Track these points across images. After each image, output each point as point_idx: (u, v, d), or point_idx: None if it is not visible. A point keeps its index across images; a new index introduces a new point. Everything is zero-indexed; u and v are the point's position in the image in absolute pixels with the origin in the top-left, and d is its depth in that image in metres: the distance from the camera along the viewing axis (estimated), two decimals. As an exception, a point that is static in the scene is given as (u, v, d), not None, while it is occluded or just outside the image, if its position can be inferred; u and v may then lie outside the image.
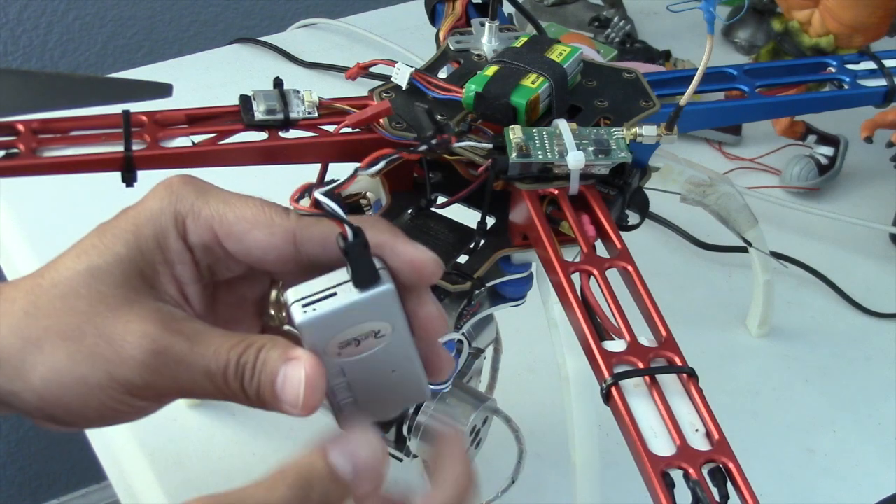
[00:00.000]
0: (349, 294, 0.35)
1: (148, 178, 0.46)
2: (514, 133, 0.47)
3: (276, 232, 0.37)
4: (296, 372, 0.35)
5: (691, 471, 0.36)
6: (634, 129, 0.48)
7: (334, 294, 0.35)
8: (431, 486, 0.37)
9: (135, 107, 0.47)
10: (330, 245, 0.37)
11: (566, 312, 0.43)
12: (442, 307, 0.38)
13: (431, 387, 0.40)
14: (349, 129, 0.49)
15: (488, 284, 0.50)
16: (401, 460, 0.51)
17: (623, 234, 0.46)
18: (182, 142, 0.47)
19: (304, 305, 0.35)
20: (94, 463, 0.68)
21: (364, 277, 0.36)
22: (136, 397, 0.37)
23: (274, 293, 0.42)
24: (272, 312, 0.42)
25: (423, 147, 0.43)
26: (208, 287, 0.40)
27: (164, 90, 0.47)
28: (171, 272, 0.38)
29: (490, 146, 0.47)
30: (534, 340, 0.58)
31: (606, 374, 0.39)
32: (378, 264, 0.36)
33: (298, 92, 0.49)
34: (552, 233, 0.45)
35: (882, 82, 0.59)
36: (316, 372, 0.35)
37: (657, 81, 0.55)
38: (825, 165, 0.87)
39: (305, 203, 0.53)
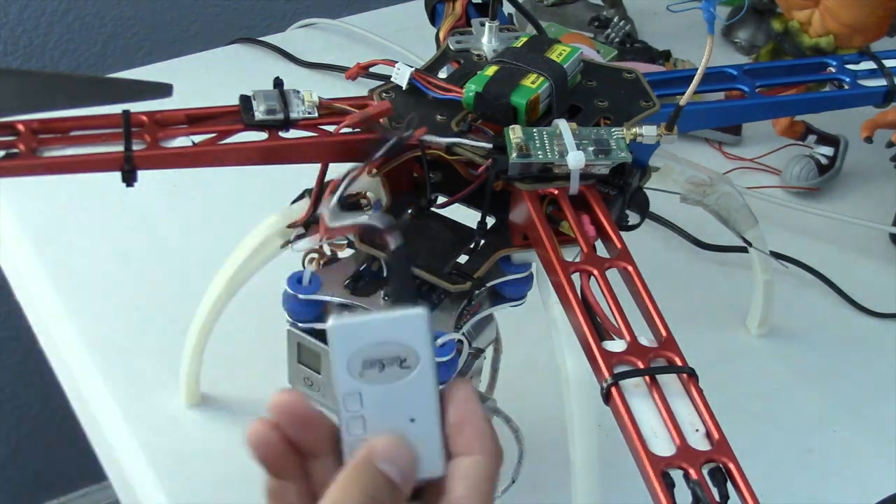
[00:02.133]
0: (383, 309, 0.36)
1: (148, 178, 0.46)
2: (515, 133, 0.47)
3: None
4: None
5: (691, 471, 0.36)
6: (634, 129, 0.48)
7: (369, 310, 0.36)
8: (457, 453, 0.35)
9: (135, 107, 0.47)
10: None
11: (566, 312, 0.43)
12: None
13: None
14: (349, 129, 0.49)
15: (488, 284, 0.50)
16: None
17: (623, 234, 0.46)
18: (182, 142, 0.47)
19: (340, 315, 0.35)
20: (94, 463, 0.68)
21: (400, 294, 0.36)
22: None
23: None
24: None
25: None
26: None
27: (164, 90, 0.47)
28: None
29: (490, 146, 0.47)
30: (534, 340, 0.57)
31: (606, 374, 0.39)
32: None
33: (298, 92, 0.49)
34: (552, 233, 0.45)
35: (882, 82, 0.59)
36: None
37: (657, 81, 0.55)
38: (825, 165, 0.87)
39: (305, 203, 0.53)
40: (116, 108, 0.47)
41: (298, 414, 0.35)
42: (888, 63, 0.60)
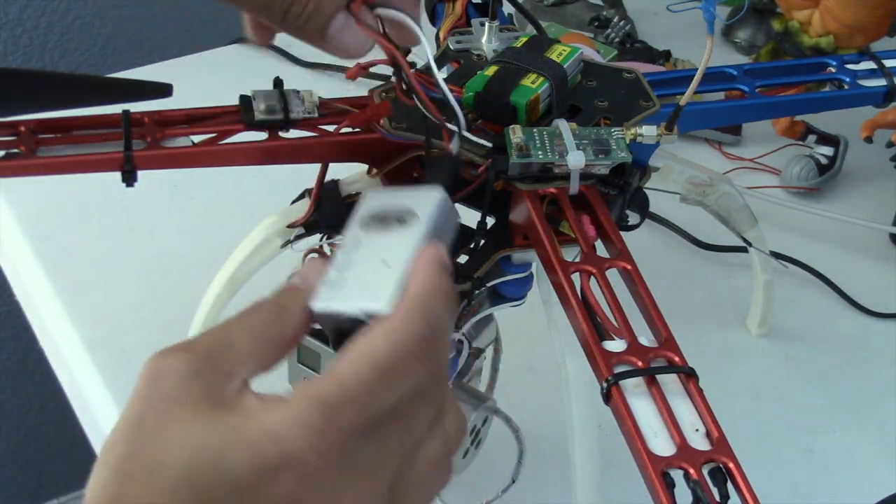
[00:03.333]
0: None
1: (148, 178, 0.46)
2: (515, 133, 0.47)
3: None
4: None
5: (691, 471, 0.36)
6: (634, 129, 0.48)
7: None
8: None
9: (135, 107, 0.47)
10: None
11: (566, 312, 0.43)
12: None
13: None
14: (349, 129, 0.49)
15: (488, 284, 0.50)
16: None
17: (623, 234, 0.46)
18: (182, 142, 0.47)
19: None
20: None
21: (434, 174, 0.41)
22: None
23: None
24: None
25: None
26: None
27: (164, 90, 0.47)
28: None
29: (490, 146, 0.47)
30: (534, 340, 0.57)
31: (607, 374, 0.39)
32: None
33: (298, 92, 0.49)
34: (552, 233, 0.45)
35: (882, 82, 0.59)
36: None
37: (657, 81, 0.55)
38: (825, 165, 0.87)
39: (305, 203, 0.53)
40: (117, 108, 0.47)
41: None
42: (888, 63, 0.60)
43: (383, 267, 0.36)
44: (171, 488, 0.29)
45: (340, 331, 0.37)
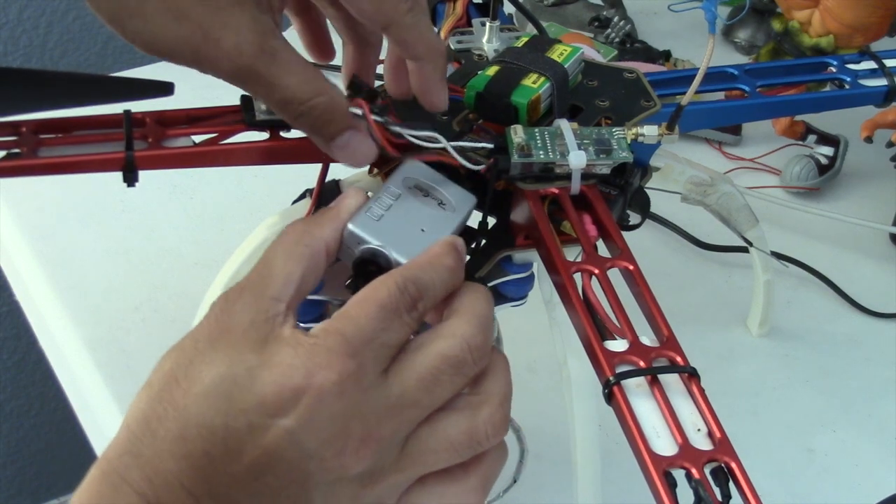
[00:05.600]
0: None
1: (149, 178, 0.46)
2: (516, 133, 0.47)
3: None
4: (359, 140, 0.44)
5: (693, 470, 0.36)
6: (635, 129, 0.48)
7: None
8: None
9: (136, 107, 0.47)
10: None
11: (568, 312, 0.43)
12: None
13: None
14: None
15: (490, 284, 0.50)
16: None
17: (624, 233, 0.46)
18: (183, 142, 0.47)
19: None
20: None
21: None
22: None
23: None
24: None
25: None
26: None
27: (166, 88, 0.47)
28: None
29: (491, 146, 0.47)
30: (534, 340, 0.57)
31: (608, 374, 0.39)
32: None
33: (299, 92, 0.49)
34: (554, 232, 0.45)
35: (882, 82, 0.59)
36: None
37: (658, 81, 0.55)
38: (825, 165, 0.87)
39: (305, 204, 0.53)
40: (118, 108, 0.47)
41: None
42: (888, 63, 0.60)
43: (419, 231, 0.42)
44: (204, 392, 0.35)
45: (360, 267, 0.41)
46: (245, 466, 0.34)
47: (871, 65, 0.60)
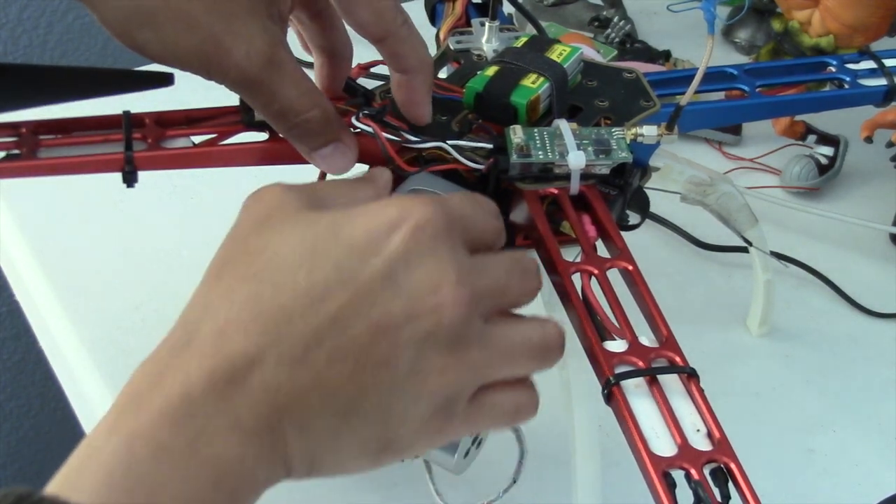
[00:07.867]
0: None
1: (149, 179, 0.46)
2: (515, 133, 0.47)
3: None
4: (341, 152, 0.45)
5: (693, 471, 0.36)
6: (635, 129, 0.48)
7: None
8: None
9: (136, 107, 0.47)
10: None
11: (567, 312, 0.43)
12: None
13: None
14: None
15: (489, 284, 0.50)
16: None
17: (623, 233, 0.46)
18: (183, 142, 0.47)
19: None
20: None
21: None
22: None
23: None
24: None
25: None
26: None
27: (165, 79, 0.47)
28: None
29: (491, 146, 0.47)
30: (534, 340, 0.57)
31: (608, 374, 0.39)
32: None
33: (299, 92, 0.49)
34: (553, 233, 0.45)
35: (882, 82, 0.59)
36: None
37: (657, 81, 0.55)
38: (825, 165, 0.87)
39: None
40: (118, 105, 0.47)
41: None
42: (888, 62, 0.60)
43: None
44: (280, 255, 0.34)
45: None
46: (328, 317, 0.32)
47: (871, 65, 0.60)
